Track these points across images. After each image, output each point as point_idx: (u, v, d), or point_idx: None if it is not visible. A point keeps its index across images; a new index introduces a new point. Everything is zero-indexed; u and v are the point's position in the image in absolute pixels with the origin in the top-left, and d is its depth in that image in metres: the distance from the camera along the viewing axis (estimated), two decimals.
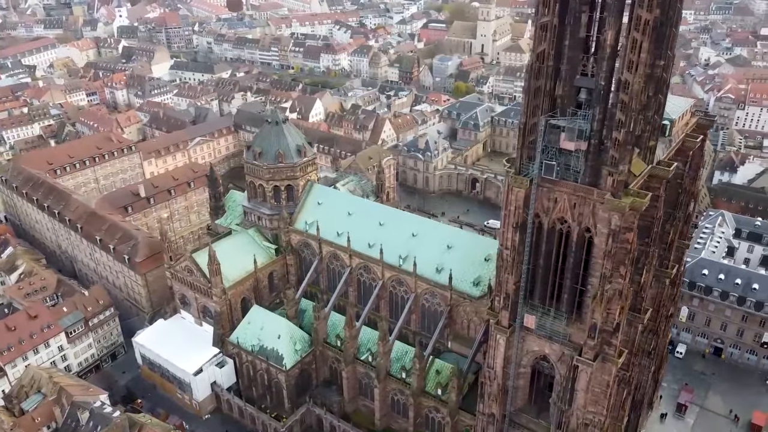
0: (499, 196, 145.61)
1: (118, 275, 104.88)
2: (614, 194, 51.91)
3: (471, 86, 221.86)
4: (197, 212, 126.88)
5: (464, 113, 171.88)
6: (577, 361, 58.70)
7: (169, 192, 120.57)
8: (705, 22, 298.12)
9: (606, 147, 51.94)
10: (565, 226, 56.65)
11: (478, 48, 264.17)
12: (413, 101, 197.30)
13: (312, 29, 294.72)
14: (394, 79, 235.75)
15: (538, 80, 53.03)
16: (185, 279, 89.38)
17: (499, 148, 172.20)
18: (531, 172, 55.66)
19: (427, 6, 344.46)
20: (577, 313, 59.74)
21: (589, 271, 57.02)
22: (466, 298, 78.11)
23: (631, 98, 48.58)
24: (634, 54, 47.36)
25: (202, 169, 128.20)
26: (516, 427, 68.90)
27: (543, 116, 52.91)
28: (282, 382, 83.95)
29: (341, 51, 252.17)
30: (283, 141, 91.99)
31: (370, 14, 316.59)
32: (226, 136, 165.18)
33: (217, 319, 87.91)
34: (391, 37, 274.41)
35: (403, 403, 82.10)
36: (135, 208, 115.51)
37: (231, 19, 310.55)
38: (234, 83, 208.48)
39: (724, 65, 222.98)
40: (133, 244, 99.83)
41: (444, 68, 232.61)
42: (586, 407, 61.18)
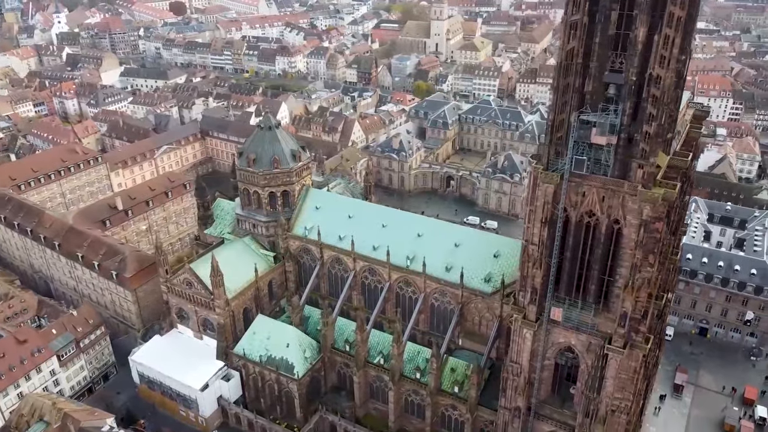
0: (474, 192, 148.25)
1: (104, 293, 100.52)
2: (645, 186, 53.61)
3: (431, 85, 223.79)
4: (176, 223, 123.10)
5: (432, 112, 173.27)
6: (608, 349, 60.26)
7: (146, 203, 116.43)
8: None
9: (636, 140, 53.53)
10: (594, 219, 58.11)
11: (433, 47, 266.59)
12: (378, 102, 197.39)
13: (263, 32, 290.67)
14: (353, 80, 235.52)
15: (567, 77, 54.10)
16: (184, 292, 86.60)
17: (467, 146, 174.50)
18: (560, 168, 56.72)
19: (375, 6, 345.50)
20: (604, 303, 61.37)
21: (617, 261, 58.69)
22: (478, 295, 78.78)
23: (662, 92, 50.30)
24: (666, 50, 49.01)
25: (178, 178, 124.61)
26: (540, 419, 70.17)
27: (575, 112, 53.95)
28: (294, 392, 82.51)
29: (297, 53, 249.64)
30: (277, 146, 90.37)
31: (320, 15, 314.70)
32: (193, 143, 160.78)
33: (220, 332, 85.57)
34: (345, 39, 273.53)
35: (417, 404, 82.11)
36: (113, 221, 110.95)
37: (178, 23, 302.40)
38: (192, 89, 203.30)
39: None
40: (120, 259, 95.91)
41: (403, 68, 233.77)
42: (614, 394, 62.95)
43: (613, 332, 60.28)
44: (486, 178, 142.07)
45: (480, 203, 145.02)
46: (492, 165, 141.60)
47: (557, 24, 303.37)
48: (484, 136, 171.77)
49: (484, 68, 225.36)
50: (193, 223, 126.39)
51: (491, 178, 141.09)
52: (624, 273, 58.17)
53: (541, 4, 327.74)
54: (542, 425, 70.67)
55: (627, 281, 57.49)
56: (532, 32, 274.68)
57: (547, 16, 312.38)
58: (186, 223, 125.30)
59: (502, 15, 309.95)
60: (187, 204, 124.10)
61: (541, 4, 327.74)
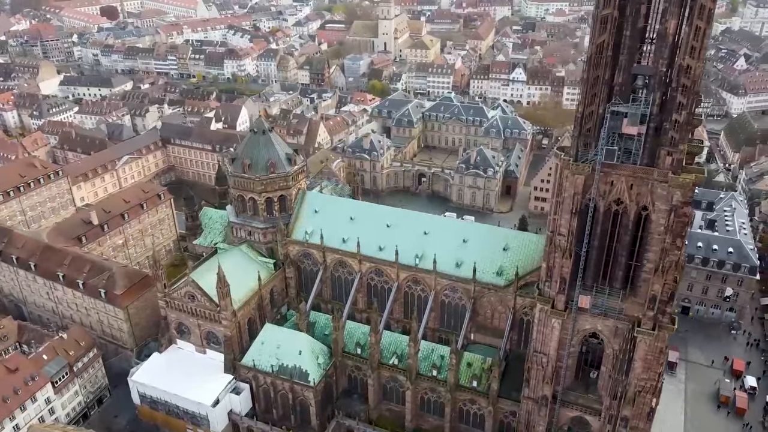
0: (447, 189, 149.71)
1: (90, 313, 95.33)
2: (674, 172, 55.72)
3: (386, 84, 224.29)
4: (152, 235, 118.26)
5: (395, 111, 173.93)
6: (638, 332, 62.26)
7: (122, 216, 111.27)
8: (580, 12, 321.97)
9: (664, 129, 55.50)
10: (622, 207, 59.86)
11: (381, 46, 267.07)
12: (338, 102, 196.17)
13: (205, 35, 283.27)
14: (305, 81, 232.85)
15: (597, 70, 55.46)
16: (185, 306, 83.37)
17: (431, 143, 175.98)
18: (590, 159, 58.12)
19: (316, 7, 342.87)
20: (631, 288, 63.33)
21: (644, 246, 60.70)
22: (491, 289, 79.69)
23: (693, 82, 52.37)
24: (696, 41, 51.07)
25: (152, 189, 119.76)
26: (565, 406, 71.70)
27: (609, 104, 55.39)
28: (310, 399, 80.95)
29: (245, 56, 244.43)
30: (272, 151, 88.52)
31: (263, 17, 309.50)
32: (154, 152, 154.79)
33: (227, 344, 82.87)
34: (293, 40, 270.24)
35: (434, 401, 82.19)
36: (89, 237, 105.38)
37: (114, 28, 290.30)
38: (142, 96, 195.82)
39: None
40: (108, 276, 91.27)
41: (356, 68, 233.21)
42: (641, 375, 65.12)
43: (641, 315, 62.37)
44: (460, 174, 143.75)
45: (454, 199, 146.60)
46: (465, 161, 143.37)
47: (497, 21, 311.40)
48: (448, 133, 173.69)
49: (437, 66, 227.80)
50: (169, 234, 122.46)
51: (465, 174, 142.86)
52: (651, 257, 60.22)
53: (481, 2, 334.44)
54: (566, 412, 72.31)
55: (656, 265, 59.56)
56: (477, 29, 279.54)
57: (488, 14, 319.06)
58: (162, 235, 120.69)
59: (445, 13, 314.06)
60: (162, 215, 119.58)
61: (481, 2, 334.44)
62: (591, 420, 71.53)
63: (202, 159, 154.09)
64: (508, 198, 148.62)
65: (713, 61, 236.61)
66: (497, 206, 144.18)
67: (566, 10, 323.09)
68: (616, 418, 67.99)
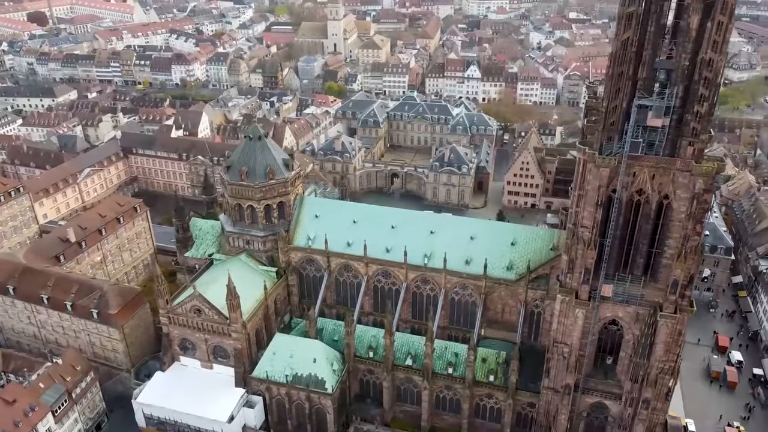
0: (421, 187, 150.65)
1: (79, 335, 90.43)
2: (696, 162, 58.21)
3: (342, 85, 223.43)
4: (129, 250, 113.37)
5: (360, 111, 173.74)
6: (661, 316, 64.70)
7: (99, 232, 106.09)
8: (520, 9, 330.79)
9: (686, 120, 57.89)
10: (644, 197, 62.00)
11: (331, 47, 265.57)
12: (298, 105, 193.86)
13: (147, 40, 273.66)
14: (258, 85, 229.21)
15: (622, 66, 57.19)
16: (190, 321, 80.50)
17: (397, 142, 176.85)
18: (615, 151, 59.90)
19: (257, 9, 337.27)
20: (651, 274, 65.69)
21: (664, 234, 63.10)
22: (501, 284, 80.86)
23: (715, 74, 54.83)
24: (719, 35, 53.52)
25: (127, 202, 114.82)
26: (586, 393, 73.62)
27: (636, 98, 57.23)
28: (327, 407, 79.76)
29: (193, 61, 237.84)
30: (269, 156, 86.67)
31: (205, 20, 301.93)
32: (115, 163, 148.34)
33: (237, 357, 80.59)
34: (240, 43, 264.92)
35: (449, 399, 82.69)
36: (67, 255, 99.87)
37: (48, 35, 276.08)
38: (91, 105, 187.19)
39: (556, 47, 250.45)
40: (99, 296, 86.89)
41: (310, 69, 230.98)
42: (662, 357, 67.69)
43: (662, 300, 64.85)
44: (434, 172, 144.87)
45: (429, 197, 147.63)
46: (439, 159, 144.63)
47: (441, 20, 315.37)
48: (414, 132, 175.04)
49: (392, 65, 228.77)
50: (146, 248, 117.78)
51: (439, 171, 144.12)
52: (672, 244, 62.69)
53: (424, 1, 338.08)
54: (586, 398, 74.25)
55: (677, 251, 62.05)
56: (425, 28, 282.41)
57: (432, 13, 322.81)
58: (139, 249, 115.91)
59: (391, 13, 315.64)
60: (139, 228, 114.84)
61: (424, 1, 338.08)
62: (610, 405, 73.76)
63: (168, 168, 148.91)
64: (481, 194, 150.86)
65: None
66: (471, 202, 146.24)
67: (507, 7, 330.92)
68: (638, 401, 70.45)
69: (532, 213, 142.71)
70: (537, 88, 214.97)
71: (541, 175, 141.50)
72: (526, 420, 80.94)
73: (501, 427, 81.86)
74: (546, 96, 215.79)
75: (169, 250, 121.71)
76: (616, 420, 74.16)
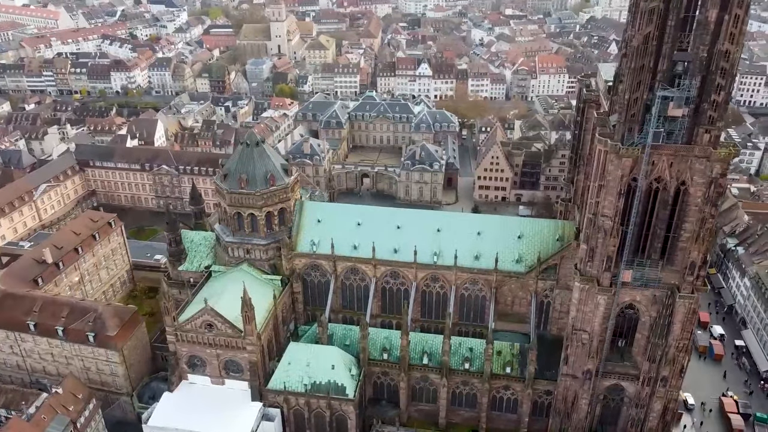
0: (393, 186, 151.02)
1: (72, 361, 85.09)
2: (713, 148, 61.30)
3: (293, 87, 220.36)
4: (106, 268, 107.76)
5: (320, 113, 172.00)
6: (680, 297, 67.72)
7: (76, 251, 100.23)
8: (456, 7, 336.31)
9: (702, 109, 60.79)
10: (662, 184, 64.69)
11: (275, 49, 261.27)
12: (254, 109, 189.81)
13: (78, 47, 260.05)
14: (205, 89, 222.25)
15: (643, 59, 59.41)
16: (200, 337, 77.51)
17: (359, 143, 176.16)
18: (637, 142, 62.17)
19: (190, 12, 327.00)
20: (667, 258, 68.59)
21: (681, 218, 66.06)
22: (512, 277, 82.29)
23: (731, 65, 57.91)
24: (735, 27, 56.54)
25: (101, 217, 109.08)
26: (604, 376, 76.04)
27: (658, 89, 59.55)
28: (349, 413, 78.70)
29: (134, 67, 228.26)
30: (269, 162, 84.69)
31: (138, 25, 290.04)
32: (72, 177, 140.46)
33: (252, 370, 78.27)
34: (181, 48, 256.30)
35: (465, 394, 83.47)
36: (45, 277, 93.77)
37: None
38: (31, 117, 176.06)
39: (498, 43, 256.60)
40: (94, 318, 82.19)
41: (259, 72, 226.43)
42: (679, 336, 70.90)
43: (678, 282, 67.90)
44: (406, 170, 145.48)
45: (401, 196, 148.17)
46: (410, 157, 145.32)
47: (381, 19, 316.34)
48: (376, 131, 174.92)
49: (343, 66, 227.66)
50: (122, 264, 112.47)
51: (411, 170, 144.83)
52: (688, 227, 65.72)
53: (362, 0, 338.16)
54: (603, 381, 76.71)
55: (694, 234, 65.12)
56: (368, 27, 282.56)
57: (371, 12, 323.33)
58: (116, 265, 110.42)
59: (331, 13, 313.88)
60: (114, 244, 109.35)
61: (362, 0, 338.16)
62: (627, 386, 76.53)
63: (130, 180, 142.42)
64: (451, 190, 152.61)
65: (587, 47, 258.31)
66: (443, 199, 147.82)
67: (443, 5, 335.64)
68: (655, 380, 73.48)
69: (503, 206, 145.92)
70: (487, 84, 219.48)
71: (510, 168, 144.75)
72: (542, 408, 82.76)
73: (517, 417, 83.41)
74: (496, 91, 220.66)
75: (145, 264, 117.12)
76: (632, 400, 77.00)
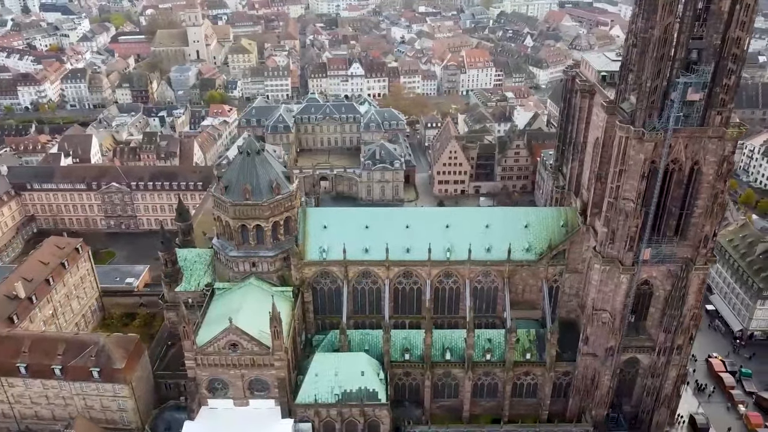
0: (353, 187, 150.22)
1: (70, 401, 77.92)
2: (725, 128, 66.12)
3: (223, 93, 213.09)
4: (77, 297, 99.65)
5: (265, 118, 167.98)
6: (696, 269, 72.49)
7: (47, 282, 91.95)
8: (369, 6, 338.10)
9: (715, 92, 65.30)
10: (677, 165, 68.89)
11: (194, 54, 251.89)
12: (191, 118, 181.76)
13: None
14: (127, 100, 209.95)
15: (663, 48, 62.97)
16: (223, 359, 73.64)
17: (307, 146, 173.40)
18: (658, 126, 65.81)
19: (92, 20, 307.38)
20: (681, 234, 73.10)
21: (695, 195, 70.63)
22: (524, 265, 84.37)
23: (741, 50, 62.66)
24: (746, 15, 61.23)
25: (68, 243, 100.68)
26: (623, 351, 79.92)
27: (680, 76, 63.33)
28: (382, 418, 77.68)
29: (43, 80, 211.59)
30: (271, 170, 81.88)
31: (36, 35, 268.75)
32: (8, 203, 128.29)
33: (281, 387, 75.38)
34: (93, 57, 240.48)
35: (487, 384, 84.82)
36: (20, 314, 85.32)
37: None
38: None
39: (421, 40, 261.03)
40: (96, 351, 75.87)
41: (185, 79, 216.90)
42: (692, 306, 75.94)
43: (693, 255, 72.66)
44: (367, 170, 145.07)
45: (363, 196, 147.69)
46: (370, 157, 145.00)
47: (295, 20, 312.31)
48: (324, 133, 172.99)
49: (272, 69, 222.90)
50: (91, 292, 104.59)
51: (372, 169, 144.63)
52: (701, 204, 70.42)
53: (273, 2, 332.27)
54: (620, 356, 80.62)
55: (706, 209, 69.94)
56: (287, 29, 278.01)
57: (284, 13, 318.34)
58: (86, 294, 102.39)
59: (245, 16, 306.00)
60: (83, 271, 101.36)
61: (273, 2, 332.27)
62: (642, 358, 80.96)
63: (76, 201, 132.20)
64: (409, 187, 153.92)
65: (504, 41, 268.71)
66: (405, 196, 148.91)
67: (356, 4, 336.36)
68: (671, 349, 78.23)
69: (464, 199, 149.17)
70: (419, 81, 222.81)
71: (468, 162, 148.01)
72: (559, 389, 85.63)
73: (537, 400, 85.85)
74: (428, 87, 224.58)
75: (116, 290, 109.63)
76: (647, 371, 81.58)
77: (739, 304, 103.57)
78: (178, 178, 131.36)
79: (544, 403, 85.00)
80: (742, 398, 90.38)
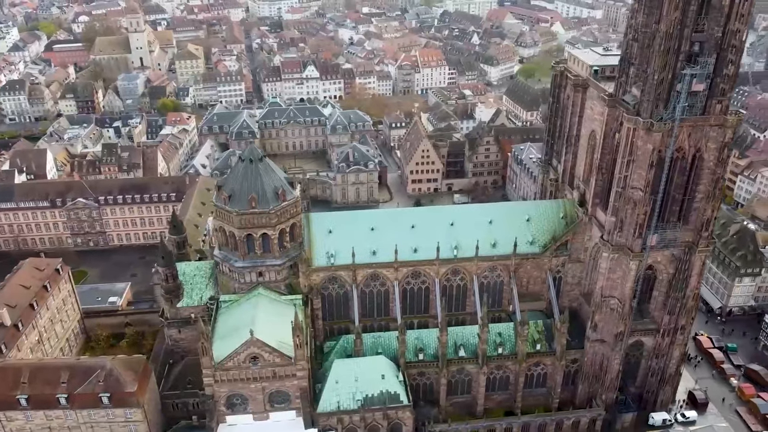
0: (327, 191, 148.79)
1: (77, 431, 73.66)
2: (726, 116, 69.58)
3: (175, 100, 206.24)
4: (60, 321, 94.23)
5: (228, 124, 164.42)
6: (699, 251, 75.88)
7: (32, 307, 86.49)
8: (311, 8, 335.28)
9: (716, 83, 68.54)
10: (681, 153, 71.90)
11: (137, 61, 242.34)
12: (148, 127, 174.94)
13: None
14: (72, 111, 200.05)
15: (669, 42, 65.59)
16: (242, 374, 71.36)
17: (271, 151, 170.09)
18: (665, 117, 68.46)
19: (19, 28, 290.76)
20: (684, 219, 76.30)
21: (696, 182, 73.91)
22: (529, 258, 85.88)
23: (740, 41, 66.10)
24: (744, 8, 64.60)
25: (48, 264, 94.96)
26: (629, 335, 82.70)
27: (687, 68, 66.04)
28: (405, 419, 77.32)
29: None
30: (275, 177, 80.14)
31: None
32: None
33: (304, 397, 73.75)
34: (29, 67, 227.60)
35: (499, 378, 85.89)
36: (8, 343, 79.82)
37: None
38: None
39: (371, 41, 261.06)
40: (104, 376, 71.95)
41: (133, 88, 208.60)
42: (694, 287, 79.48)
43: (694, 239, 76.02)
44: (341, 173, 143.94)
45: (338, 199, 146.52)
46: (344, 159, 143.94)
47: (239, 24, 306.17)
48: (288, 138, 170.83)
49: (225, 74, 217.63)
50: (73, 314, 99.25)
51: (347, 172, 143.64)
52: (702, 189, 73.80)
53: (213, 6, 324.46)
54: (627, 340, 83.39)
55: (707, 193, 73.37)
56: (232, 33, 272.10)
57: (227, 17, 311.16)
58: (68, 317, 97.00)
59: (186, 20, 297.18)
60: (64, 293, 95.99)
61: (213, 6, 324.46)
62: (646, 340, 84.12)
63: (41, 220, 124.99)
64: (383, 187, 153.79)
65: (451, 40, 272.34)
66: (379, 197, 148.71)
67: (298, 6, 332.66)
68: (675, 330, 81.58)
69: (438, 197, 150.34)
70: (374, 81, 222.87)
71: (440, 160, 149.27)
72: (567, 376, 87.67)
73: (547, 389, 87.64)
74: (383, 87, 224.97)
75: (98, 311, 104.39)
76: (650, 352, 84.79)
77: (717, 282, 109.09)
78: (150, 190, 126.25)
79: (555, 392, 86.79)
80: (733, 371, 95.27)
